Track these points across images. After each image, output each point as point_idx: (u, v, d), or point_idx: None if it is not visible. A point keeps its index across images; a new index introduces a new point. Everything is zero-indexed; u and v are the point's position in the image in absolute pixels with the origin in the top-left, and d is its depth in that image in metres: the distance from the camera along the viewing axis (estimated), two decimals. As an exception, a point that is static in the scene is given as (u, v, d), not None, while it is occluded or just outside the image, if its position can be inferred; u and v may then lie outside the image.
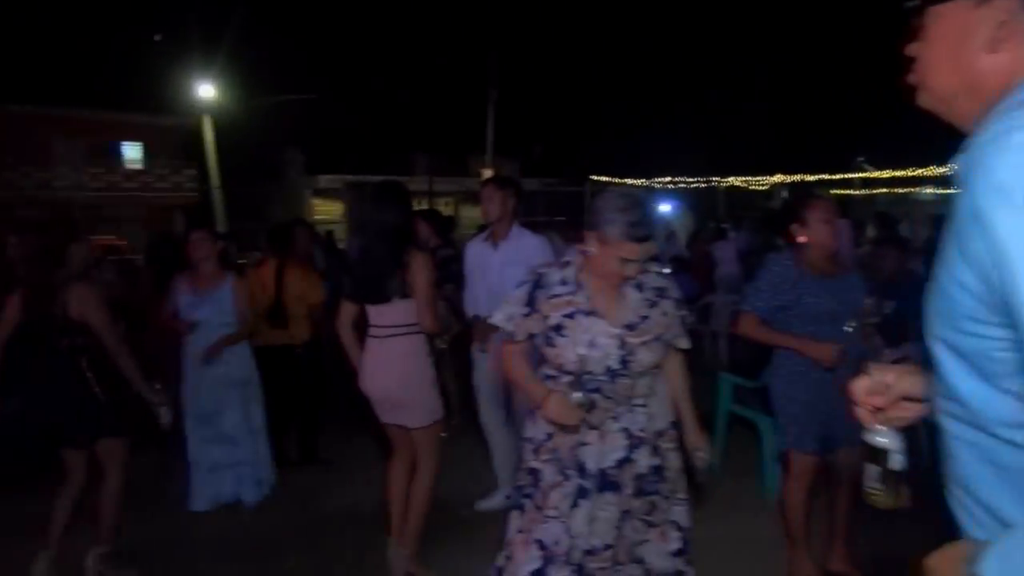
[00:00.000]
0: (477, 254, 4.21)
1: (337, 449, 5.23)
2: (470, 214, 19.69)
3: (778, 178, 22.18)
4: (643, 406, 2.39)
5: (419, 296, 3.25)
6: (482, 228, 4.21)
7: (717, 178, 20.78)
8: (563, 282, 2.38)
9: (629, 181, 20.72)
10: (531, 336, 2.42)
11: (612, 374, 2.32)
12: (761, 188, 22.41)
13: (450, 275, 5.15)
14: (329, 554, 3.79)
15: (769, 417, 4.47)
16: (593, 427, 2.35)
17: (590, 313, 2.33)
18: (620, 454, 2.35)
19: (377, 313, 3.30)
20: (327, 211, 24.43)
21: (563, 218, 16.33)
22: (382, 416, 3.42)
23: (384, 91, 28.16)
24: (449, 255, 5.53)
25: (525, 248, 4.03)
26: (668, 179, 21.38)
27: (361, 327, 3.45)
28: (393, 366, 3.28)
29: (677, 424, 2.51)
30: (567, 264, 2.43)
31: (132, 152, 25.26)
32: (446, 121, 29.30)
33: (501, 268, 4.03)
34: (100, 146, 24.37)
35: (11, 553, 3.73)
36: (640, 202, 2.26)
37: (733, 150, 25.16)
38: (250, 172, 23.99)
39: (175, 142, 24.42)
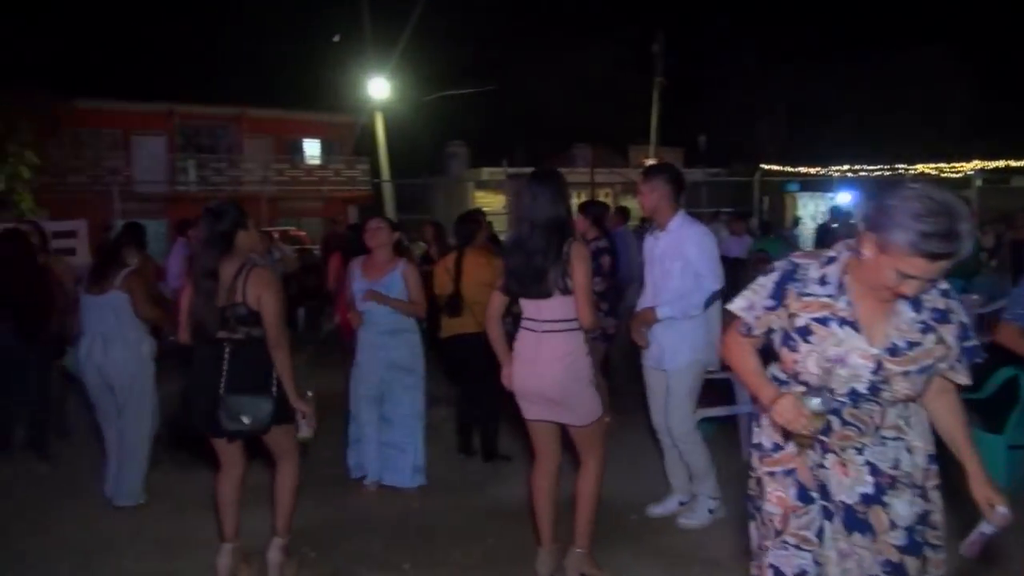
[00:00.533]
0: (646, 247, 4.06)
1: (511, 443, 5.19)
2: (631, 205, 19.28)
3: (975, 164, 19.98)
4: (896, 439, 2.03)
5: (579, 291, 3.07)
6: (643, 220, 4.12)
7: (903, 165, 19.01)
8: (822, 280, 2.03)
9: (803, 169, 19.51)
10: (769, 332, 2.12)
11: (856, 398, 1.99)
12: (954, 176, 20.30)
13: (598, 268, 4.96)
14: (496, 548, 3.73)
15: (991, 434, 3.93)
16: (831, 451, 2.04)
17: (848, 324, 1.99)
18: (866, 490, 2.02)
19: (535, 307, 3.14)
20: (489, 203, 24.82)
21: (729, 209, 15.59)
22: (529, 412, 3.26)
23: (547, 82, 28.38)
24: (601, 247, 5.33)
25: (684, 239, 3.81)
26: (847, 167, 19.83)
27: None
28: (552, 363, 3.11)
29: (935, 459, 2.13)
30: (830, 260, 2.06)
31: (311, 148, 26.97)
32: (608, 111, 29.03)
33: (661, 260, 3.87)
34: (284, 143, 26.21)
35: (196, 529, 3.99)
36: (948, 210, 1.80)
37: (922, 134, 23.04)
38: (416, 166, 24.89)
39: (348, 138, 25.76)
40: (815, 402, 1.93)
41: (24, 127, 18.16)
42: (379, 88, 21.13)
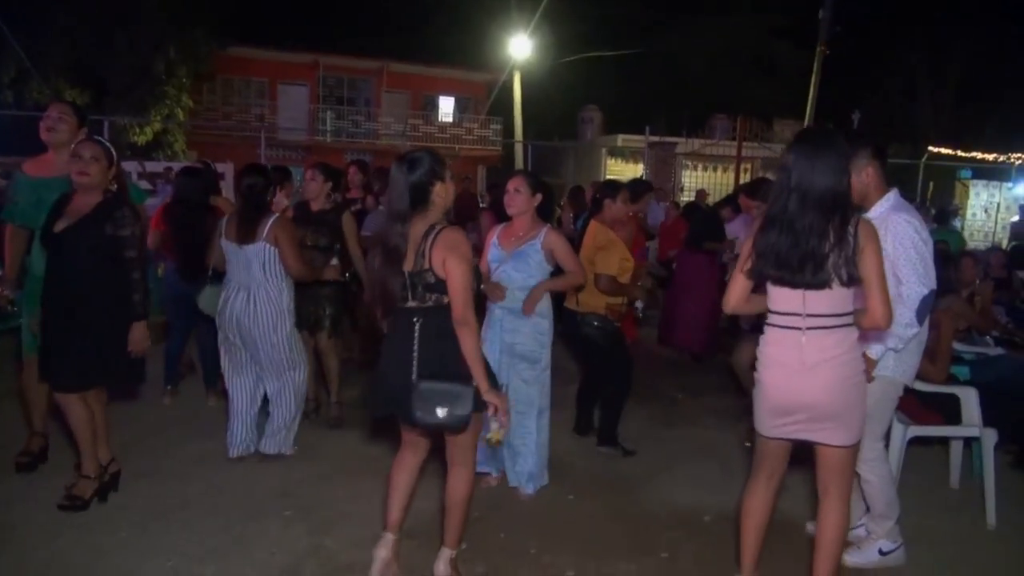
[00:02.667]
0: None
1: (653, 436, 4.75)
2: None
3: None
4: None
5: (874, 280, 2.48)
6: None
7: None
8: None
9: (978, 155, 17.61)
10: None
11: None
12: None
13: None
14: (673, 565, 3.26)
15: None
16: None
17: None
18: None
19: (797, 299, 2.55)
20: (621, 172, 24.07)
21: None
22: (773, 428, 2.66)
23: (690, 49, 27.01)
24: None
25: (881, 227, 2.95)
26: (1030, 154, 17.78)
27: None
28: (824, 368, 2.53)
29: None
30: None
31: (446, 105, 26.93)
32: (752, 82, 27.32)
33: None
34: (420, 99, 26.29)
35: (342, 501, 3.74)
36: None
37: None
38: (548, 129, 24.39)
39: (483, 97, 25.53)
40: None
41: (182, 72, 18.91)
42: (520, 46, 20.67)
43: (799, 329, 2.56)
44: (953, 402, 3.81)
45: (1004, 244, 13.82)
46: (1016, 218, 14.58)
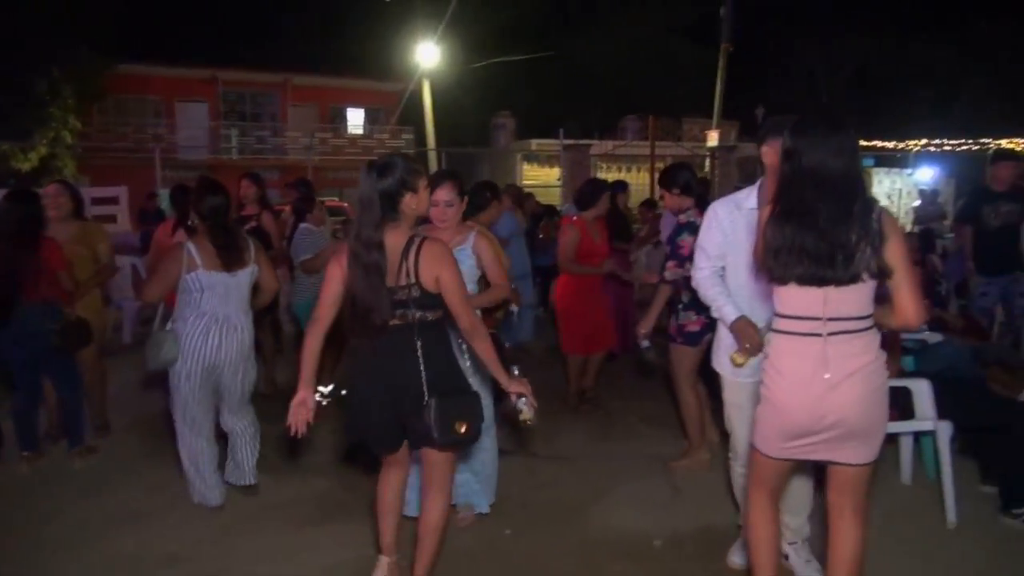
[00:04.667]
0: None
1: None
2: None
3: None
4: None
5: (903, 273, 2.24)
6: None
7: (988, 140, 17.57)
8: None
9: (878, 143, 18.18)
10: None
11: None
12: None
13: (675, 251, 4.01)
14: None
15: None
16: None
17: None
18: None
19: (815, 300, 2.26)
20: (536, 176, 23.97)
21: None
22: (785, 449, 2.35)
23: (598, 51, 27.18)
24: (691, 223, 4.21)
25: None
26: (925, 141, 18.51)
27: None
28: (853, 379, 2.24)
29: None
30: None
31: (355, 117, 26.26)
32: (660, 81, 27.69)
33: None
34: (327, 111, 25.54)
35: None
36: None
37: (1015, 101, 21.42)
38: (461, 137, 24.06)
39: (393, 107, 25.01)
40: None
41: (68, 92, 17.69)
42: (428, 54, 20.25)
43: (819, 336, 2.27)
44: (903, 395, 3.62)
45: (908, 228, 14.29)
46: (918, 202, 15.09)
